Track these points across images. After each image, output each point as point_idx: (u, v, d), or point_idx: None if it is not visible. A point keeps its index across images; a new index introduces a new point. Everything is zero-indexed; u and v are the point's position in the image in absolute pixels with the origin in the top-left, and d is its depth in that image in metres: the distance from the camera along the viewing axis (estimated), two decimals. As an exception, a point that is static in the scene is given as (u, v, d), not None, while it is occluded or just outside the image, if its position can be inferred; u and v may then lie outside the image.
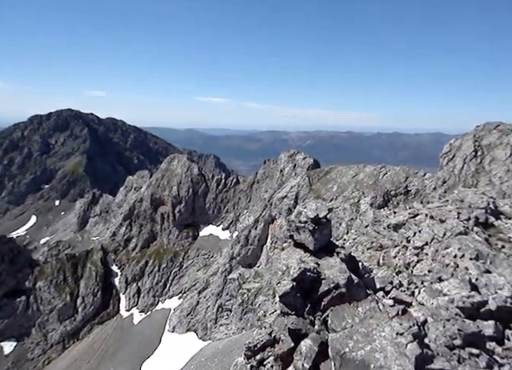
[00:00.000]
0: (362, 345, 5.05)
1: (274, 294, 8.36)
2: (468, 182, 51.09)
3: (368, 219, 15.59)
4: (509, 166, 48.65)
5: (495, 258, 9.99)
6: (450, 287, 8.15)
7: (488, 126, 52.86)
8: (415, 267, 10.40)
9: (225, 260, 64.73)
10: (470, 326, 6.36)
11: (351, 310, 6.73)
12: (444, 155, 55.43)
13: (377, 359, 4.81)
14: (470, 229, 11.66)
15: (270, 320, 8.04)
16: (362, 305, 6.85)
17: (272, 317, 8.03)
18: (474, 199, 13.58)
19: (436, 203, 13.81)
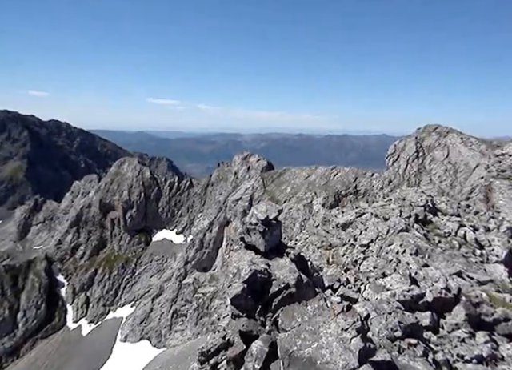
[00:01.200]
0: (310, 343, 5.20)
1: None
2: (411, 182, 54.23)
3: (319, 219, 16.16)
4: (446, 166, 52.25)
5: (432, 252, 10.71)
6: (393, 281, 8.61)
7: (428, 128, 56.52)
8: (362, 264, 10.86)
9: (179, 265, 63.55)
10: (409, 318, 6.76)
11: (301, 309, 6.88)
12: (389, 156, 58.49)
13: (323, 355, 4.96)
14: (411, 226, 12.40)
15: (223, 324, 8.01)
16: (310, 304, 7.02)
17: (226, 320, 8.02)
18: (414, 198, 14.46)
19: (380, 202, 14.54)
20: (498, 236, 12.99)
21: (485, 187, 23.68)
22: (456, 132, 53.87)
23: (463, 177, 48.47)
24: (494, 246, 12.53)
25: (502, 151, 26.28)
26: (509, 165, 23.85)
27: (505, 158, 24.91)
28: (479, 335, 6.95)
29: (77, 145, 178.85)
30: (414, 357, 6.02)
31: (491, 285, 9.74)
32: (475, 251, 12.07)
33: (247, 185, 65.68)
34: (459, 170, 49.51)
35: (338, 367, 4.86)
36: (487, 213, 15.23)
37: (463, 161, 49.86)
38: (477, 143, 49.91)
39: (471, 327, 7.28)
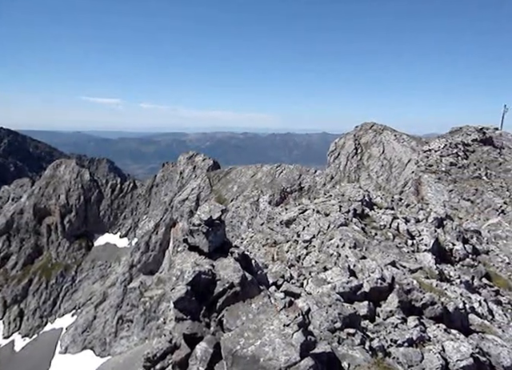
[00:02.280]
0: (253, 341, 5.27)
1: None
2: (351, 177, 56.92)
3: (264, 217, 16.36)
4: (382, 162, 55.50)
5: (369, 245, 11.34)
6: (333, 275, 8.98)
7: (365, 126, 59.63)
8: (305, 259, 11.21)
9: (124, 269, 61.17)
10: (348, 309, 7.10)
11: (245, 308, 6.93)
12: (330, 153, 60.91)
13: (266, 352, 5.06)
14: (350, 220, 13.01)
15: (170, 327, 7.85)
16: (255, 302, 7.09)
17: (172, 323, 7.87)
18: (352, 193, 15.20)
19: (321, 198, 15.12)
20: (427, 226, 14.07)
21: (415, 180, 25.57)
22: (390, 129, 57.42)
23: (397, 172, 51.84)
24: (423, 236, 13.55)
25: (429, 147, 28.55)
26: (435, 160, 25.99)
27: (431, 153, 27.10)
28: (410, 320, 7.48)
29: (4, 147, 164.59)
30: (352, 346, 6.34)
31: (421, 272, 10.51)
32: (407, 242, 12.96)
33: (193, 185, 64.86)
34: (394, 165, 52.89)
35: (281, 363, 4.98)
36: (417, 205, 16.45)
37: (397, 157, 53.30)
38: (408, 140, 53.60)
39: (403, 313, 7.81)
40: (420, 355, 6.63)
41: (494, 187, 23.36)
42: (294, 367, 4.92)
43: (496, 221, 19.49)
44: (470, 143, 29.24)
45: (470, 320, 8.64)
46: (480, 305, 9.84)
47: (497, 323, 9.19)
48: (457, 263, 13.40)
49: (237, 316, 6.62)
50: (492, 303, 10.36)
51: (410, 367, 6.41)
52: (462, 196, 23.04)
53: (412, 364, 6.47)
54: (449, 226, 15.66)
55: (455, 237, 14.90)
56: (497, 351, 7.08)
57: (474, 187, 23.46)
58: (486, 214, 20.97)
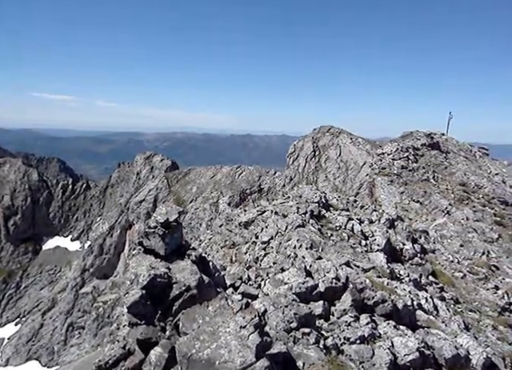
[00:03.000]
0: (209, 344, 5.23)
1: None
2: (310, 179, 58.15)
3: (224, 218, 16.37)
4: (339, 164, 57.20)
5: (325, 245, 11.63)
6: (290, 275, 9.11)
7: (322, 129, 61.19)
8: (263, 260, 11.29)
9: (75, 274, 58.42)
10: (304, 308, 7.23)
11: (202, 310, 6.86)
12: (290, 155, 61.92)
13: (222, 355, 5.04)
14: (307, 221, 13.28)
15: (123, 333, 7.59)
16: (212, 304, 7.03)
17: (126, 329, 7.62)
18: (309, 195, 15.53)
19: (280, 200, 15.31)
20: (379, 227, 14.67)
21: (369, 183, 26.60)
22: (346, 133, 59.34)
23: (353, 174, 53.68)
24: (376, 236, 14.12)
25: (382, 151, 29.81)
26: (388, 163, 27.17)
27: (384, 157, 28.32)
28: (362, 318, 7.75)
29: None
30: (307, 345, 6.46)
31: (373, 271, 10.92)
32: (361, 242, 13.43)
33: (151, 186, 63.31)
34: (350, 167, 54.70)
35: (236, 365, 4.97)
36: (370, 207, 17.12)
37: (353, 159, 55.18)
38: (363, 143, 55.66)
39: (356, 311, 8.08)
40: (371, 352, 6.89)
41: (440, 190, 24.81)
42: (249, 368, 4.93)
43: (442, 221, 20.71)
44: (420, 148, 30.90)
45: (417, 316, 9.10)
46: (426, 301, 10.40)
47: (441, 318, 9.75)
48: (406, 262, 14.07)
49: (193, 320, 6.53)
50: (437, 299, 10.98)
51: (362, 363, 6.64)
52: (412, 198, 24.26)
53: (363, 361, 6.71)
54: (399, 226, 16.43)
55: (405, 237, 15.66)
56: (440, 344, 7.52)
57: (423, 189, 24.78)
58: (434, 215, 22.21)
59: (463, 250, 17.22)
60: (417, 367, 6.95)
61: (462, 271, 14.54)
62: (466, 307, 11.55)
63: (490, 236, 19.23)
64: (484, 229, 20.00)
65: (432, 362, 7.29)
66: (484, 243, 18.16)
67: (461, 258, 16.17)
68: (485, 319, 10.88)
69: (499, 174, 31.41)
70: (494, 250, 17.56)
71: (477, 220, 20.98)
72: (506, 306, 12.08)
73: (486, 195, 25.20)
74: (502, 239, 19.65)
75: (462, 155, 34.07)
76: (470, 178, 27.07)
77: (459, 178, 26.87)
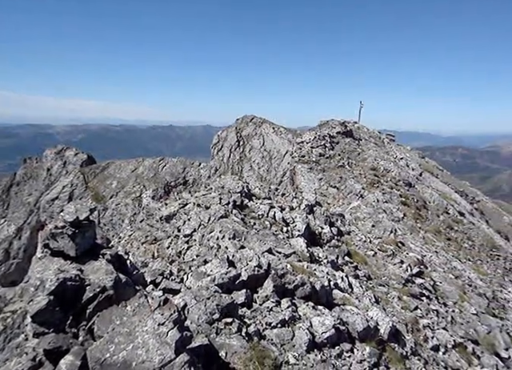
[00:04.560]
0: (124, 346, 5.00)
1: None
2: (235, 169, 58.54)
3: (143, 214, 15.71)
4: (263, 154, 58.39)
5: (248, 234, 11.80)
6: (213, 267, 9.09)
7: (245, 118, 61.81)
8: (186, 254, 11.12)
9: (-21, 283, 52.14)
10: (226, 299, 7.27)
11: (120, 311, 6.52)
12: (214, 146, 61.65)
13: (139, 355, 4.86)
14: (230, 212, 13.33)
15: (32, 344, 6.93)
16: (130, 303, 6.73)
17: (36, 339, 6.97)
18: (232, 185, 15.60)
19: (202, 192, 15.16)
20: (299, 213, 15.30)
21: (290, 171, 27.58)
22: (269, 122, 60.64)
23: (277, 163, 55.22)
24: (297, 222, 14.70)
25: (301, 139, 31.08)
26: (307, 151, 28.42)
27: (304, 145, 29.56)
28: (283, 302, 8.04)
29: None
30: (229, 335, 6.52)
31: (294, 256, 11.36)
32: (283, 229, 13.88)
33: (65, 182, 58.59)
34: (273, 156, 56.13)
35: (155, 364, 4.83)
36: (291, 194, 17.77)
37: (276, 148, 56.68)
38: (285, 133, 57.42)
39: (278, 296, 8.34)
40: (291, 334, 7.19)
41: (354, 175, 26.65)
42: (168, 365, 4.82)
43: (356, 204, 22.28)
44: (335, 135, 32.79)
45: (334, 295, 9.70)
46: (342, 281, 11.12)
47: (355, 294, 10.52)
48: (325, 245, 14.89)
49: (109, 321, 6.19)
50: (352, 277, 11.81)
51: (283, 345, 6.90)
52: (330, 184, 25.71)
53: (284, 343, 6.97)
54: (318, 211, 17.30)
55: (323, 221, 16.55)
56: (353, 319, 8.11)
57: (339, 175, 26.39)
58: (349, 199, 23.79)
59: (375, 230, 18.74)
60: (333, 342, 7.43)
61: (373, 250, 15.83)
62: (376, 282, 12.62)
63: (396, 215, 21.22)
64: (392, 209, 21.98)
65: (346, 336, 7.84)
66: (392, 222, 19.96)
67: (372, 237, 17.60)
68: (392, 291, 12.01)
69: (404, 158, 34.70)
70: (400, 228, 19.41)
71: (386, 202, 22.96)
72: (409, 278, 13.48)
73: (393, 178, 27.69)
74: (407, 217, 21.81)
75: (373, 142, 36.92)
76: (379, 163, 29.47)
77: (370, 164, 29.12)
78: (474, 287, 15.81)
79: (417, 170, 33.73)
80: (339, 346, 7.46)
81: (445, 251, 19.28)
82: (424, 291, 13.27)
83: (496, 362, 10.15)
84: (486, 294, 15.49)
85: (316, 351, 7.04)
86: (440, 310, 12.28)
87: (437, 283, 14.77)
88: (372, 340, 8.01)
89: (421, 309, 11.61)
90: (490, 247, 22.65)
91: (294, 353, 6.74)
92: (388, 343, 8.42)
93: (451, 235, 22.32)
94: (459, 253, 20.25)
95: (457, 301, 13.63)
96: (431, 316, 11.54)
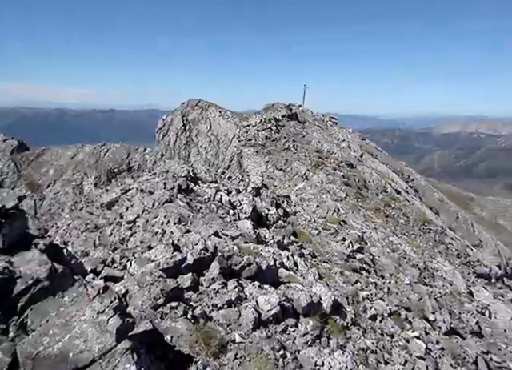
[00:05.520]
0: (60, 337, 4.78)
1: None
2: (182, 154, 57.36)
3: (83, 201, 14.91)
4: (210, 138, 57.67)
5: (194, 218, 11.69)
6: (157, 252, 8.90)
7: (191, 102, 60.43)
8: (129, 240, 10.79)
9: None
10: (171, 283, 7.18)
11: (56, 302, 6.19)
12: (159, 130, 59.82)
13: (76, 345, 4.67)
14: (175, 196, 13.08)
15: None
16: (68, 294, 6.40)
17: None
18: (177, 169, 15.28)
19: (145, 177, 14.71)
20: (246, 196, 15.41)
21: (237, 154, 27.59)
22: (215, 106, 59.82)
23: (224, 147, 54.87)
24: (243, 205, 14.80)
25: (248, 123, 31.12)
26: (253, 134, 28.53)
27: (250, 128, 29.63)
28: (230, 283, 8.12)
29: None
30: (175, 319, 6.48)
31: (241, 238, 11.46)
32: (229, 212, 13.91)
33: (-7, 170, 53.94)
34: (221, 141, 55.66)
35: (94, 353, 4.68)
36: (238, 177, 17.82)
37: (223, 132, 56.20)
38: (232, 116, 57.02)
39: (224, 278, 8.40)
40: (238, 313, 7.30)
41: (299, 157, 27.26)
42: (109, 353, 4.69)
43: (301, 186, 22.89)
44: (280, 119, 33.20)
45: (280, 274, 9.96)
46: (288, 259, 11.44)
47: (300, 272, 10.89)
48: (271, 226, 15.18)
49: (44, 314, 5.86)
50: (297, 256, 12.19)
51: (229, 325, 6.99)
52: (276, 166, 26.10)
53: (231, 323, 7.07)
54: (264, 194, 17.54)
55: (270, 203, 16.83)
56: (297, 295, 8.41)
57: (285, 157, 26.86)
58: (294, 180, 24.36)
59: (319, 210, 19.41)
60: (278, 319, 7.66)
61: (317, 229, 16.44)
62: (320, 259, 13.16)
63: (339, 195, 22.13)
64: (335, 190, 22.88)
65: (291, 312, 8.12)
66: (335, 202, 20.79)
67: (317, 217, 18.24)
68: (334, 267, 12.61)
69: (346, 140, 36.07)
70: (343, 207, 20.30)
71: (329, 182, 23.83)
72: (350, 254, 14.22)
73: (336, 159, 28.73)
74: (349, 196, 22.83)
75: (317, 125, 37.89)
76: (323, 145, 30.40)
77: (315, 146, 29.94)
78: (408, 260, 17.08)
79: (358, 151, 35.27)
80: (284, 322, 7.71)
81: (383, 227, 20.52)
82: (364, 265, 14.09)
83: (425, 325, 11.13)
84: (418, 265, 16.82)
85: (262, 329, 7.22)
86: (378, 282, 13.13)
87: (375, 257, 15.73)
88: (315, 314, 8.37)
89: (361, 282, 12.32)
90: (422, 221, 24.47)
91: (240, 332, 6.86)
92: (330, 316, 8.84)
93: (389, 212, 23.77)
94: (396, 229, 21.67)
95: (393, 273, 14.65)
96: (370, 288, 12.29)
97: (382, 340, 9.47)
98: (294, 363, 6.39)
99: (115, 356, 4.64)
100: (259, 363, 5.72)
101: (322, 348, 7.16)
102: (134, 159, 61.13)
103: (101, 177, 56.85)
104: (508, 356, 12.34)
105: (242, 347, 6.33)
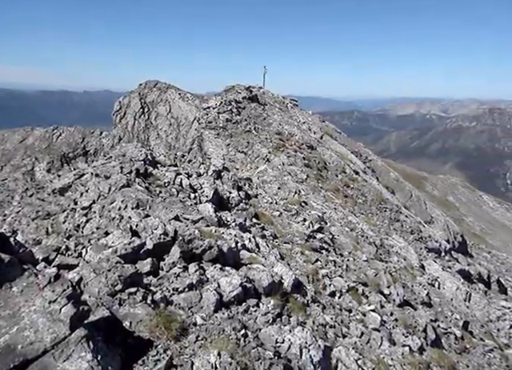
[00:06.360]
0: (7, 329, 4.52)
1: None
2: (141, 138, 55.55)
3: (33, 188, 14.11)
4: (170, 121, 56.16)
5: (153, 203, 11.40)
6: (114, 238, 8.64)
7: (149, 84, 58.29)
8: (85, 227, 10.37)
9: None
10: (129, 269, 7.00)
11: (3, 294, 5.85)
12: (116, 113, 57.37)
13: (26, 336, 4.45)
14: (133, 181, 12.67)
15: None
16: (17, 284, 6.06)
17: None
18: (134, 153, 14.78)
19: (100, 161, 14.11)
20: (207, 179, 15.24)
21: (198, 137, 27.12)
22: (174, 88, 58.10)
23: (185, 130, 53.68)
24: (204, 188, 14.64)
25: (208, 105, 30.55)
26: (213, 117, 28.09)
27: (210, 111, 29.12)
28: (191, 267, 8.05)
29: None
30: (134, 304, 6.34)
31: (202, 222, 11.36)
32: (190, 195, 13.71)
33: None
34: (181, 123, 54.35)
35: (46, 343, 4.48)
36: (198, 160, 17.54)
37: (183, 115, 54.87)
38: (192, 98, 55.70)
39: (185, 261, 8.32)
40: (199, 296, 7.27)
41: (260, 139, 27.24)
42: (62, 343, 4.50)
43: (263, 168, 22.96)
44: (241, 101, 32.88)
45: (242, 255, 10.02)
46: (250, 241, 11.52)
47: (262, 253, 11.01)
48: (233, 209, 15.16)
49: (-9, 307, 5.53)
50: (259, 237, 12.29)
51: (190, 308, 6.96)
52: (238, 149, 25.96)
53: (192, 306, 7.04)
54: (226, 176, 17.44)
55: (231, 186, 16.76)
56: (259, 276, 8.51)
57: (246, 140, 26.74)
58: (256, 163, 24.39)
59: (280, 191, 19.61)
60: (240, 300, 7.72)
61: (279, 210, 16.63)
62: (281, 240, 13.36)
63: (300, 177, 22.45)
64: (296, 171, 23.17)
65: (253, 293, 8.22)
66: (296, 183, 21.07)
67: (278, 199, 18.43)
68: (295, 247, 12.86)
69: (306, 122, 36.43)
70: (304, 188, 20.63)
71: (290, 164, 24.08)
72: (311, 234, 14.56)
73: (297, 141, 29.01)
74: (310, 178, 23.23)
75: (277, 107, 37.91)
76: (284, 127, 30.53)
77: (275, 128, 30.01)
78: (366, 237, 17.76)
79: (318, 133, 35.80)
80: (246, 302, 7.79)
81: (342, 207, 21.13)
82: (324, 244, 14.48)
83: (380, 299, 11.70)
84: (375, 242, 17.54)
85: (224, 310, 7.26)
86: (337, 260, 13.56)
87: (335, 236, 16.21)
88: (277, 294, 8.52)
89: (321, 261, 12.67)
90: (379, 200, 25.45)
91: (202, 314, 6.86)
92: (291, 295, 9.04)
93: (348, 193, 24.48)
94: (354, 208, 22.41)
95: (351, 251, 15.19)
96: (329, 266, 12.68)
97: (341, 315, 9.86)
98: (255, 342, 6.49)
99: (69, 346, 4.47)
100: (220, 344, 5.75)
101: (283, 326, 7.32)
102: (90, 143, 58.52)
103: (54, 162, 54.04)
104: (453, 322, 13.32)
105: (203, 330, 6.34)
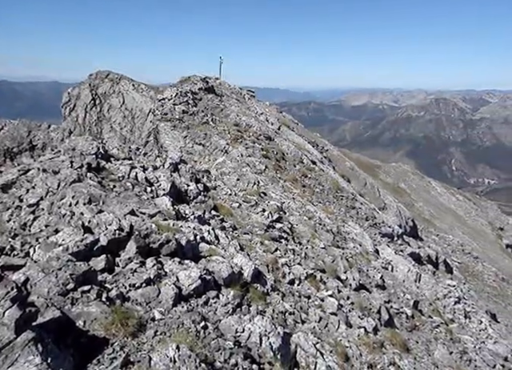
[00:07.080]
0: None
1: None
2: (93, 131, 53.15)
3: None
4: (124, 113, 54.12)
5: (107, 198, 10.98)
6: (65, 235, 8.26)
7: (100, 74, 55.66)
8: (32, 225, 9.80)
9: None
10: (82, 267, 6.73)
11: None
12: (65, 105, 54.37)
13: (-34, 345, 4.15)
14: (84, 175, 12.11)
15: None
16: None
17: None
18: (85, 147, 14.11)
19: (48, 156, 13.33)
20: (163, 172, 14.90)
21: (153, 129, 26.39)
22: (127, 79, 55.90)
23: (140, 122, 51.97)
24: (161, 181, 14.32)
25: (163, 96, 29.76)
26: (169, 108, 27.43)
27: (165, 102, 28.40)
28: (148, 262, 7.88)
29: None
30: (87, 303, 6.12)
31: (160, 216, 11.11)
32: (146, 189, 13.34)
33: None
34: (136, 116, 52.53)
35: (-11, 350, 4.22)
36: (154, 153, 17.10)
37: (138, 107, 53.04)
38: (147, 90, 53.92)
39: (142, 257, 8.12)
40: (157, 291, 7.14)
41: (218, 131, 27.00)
42: (7, 348, 4.26)
43: (221, 160, 22.81)
44: (197, 92, 32.34)
45: (201, 248, 9.94)
46: (209, 234, 11.44)
47: (221, 245, 10.98)
48: (191, 202, 14.97)
49: None
50: (218, 229, 12.25)
51: (148, 304, 6.83)
52: (195, 141, 25.56)
53: (150, 301, 6.91)
54: (183, 169, 17.14)
55: (189, 178, 16.52)
56: (219, 267, 8.50)
57: (204, 131, 26.39)
58: (214, 155, 24.18)
59: (239, 183, 19.61)
60: (199, 292, 7.68)
61: (238, 202, 16.64)
62: (241, 231, 13.40)
63: (259, 168, 22.56)
64: (254, 163, 23.23)
65: (213, 285, 8.20)
66: (255, 174, 21.15)
67: (237, 190, 18.44)
68: (255, 238, 12.96)
69: (263, 113, 36.54)
70: (262, 179, 20.76)
71: (249, 156, 24.09)
72: (270, 224, 14.72)
73: (255, 132, 29.06)
74: (268, 169, 23.41)
75: (234, 98, 37.68)
76: (241, 118, 30.42)
77: (233, 120, 29.84)
78: (323, 225, 18.25)
79: (275, 124, 36.05)
80: (205, 294, 7.76)
81: (300, 196, 21.53)
82: (283, 234, 14.70)
83: (337, 284, 12.13)
84: (332, 229, 18.08)
85: (183, 303, 7.19)
86: (296, 248, 13.84)
87: (293, 225, 16.51)
88: (236, 284, 8.55)
89: (280, 250, 12.86)
90: (335, 189, 26.19)
91: (160, 309, 6.75)
92: (251, 285, 9.12)
93: (305, 182, 24.96)
94: (312, 197, 22.91)
95: (309, 239, 15.55)
96: (289, 255, 12.92)
97: (300, 302, 10.10)
98: (215, 333, 6.49)
99: (14, 350, 4.24)
100: (179, 338, 5.70)
101: (243, 316, 7.38)
102: (37, 137, 55.04)
103: (-2, 158, 50.54)
104: (404, 303, 14.11)
105: (161, 324, 6.24)
